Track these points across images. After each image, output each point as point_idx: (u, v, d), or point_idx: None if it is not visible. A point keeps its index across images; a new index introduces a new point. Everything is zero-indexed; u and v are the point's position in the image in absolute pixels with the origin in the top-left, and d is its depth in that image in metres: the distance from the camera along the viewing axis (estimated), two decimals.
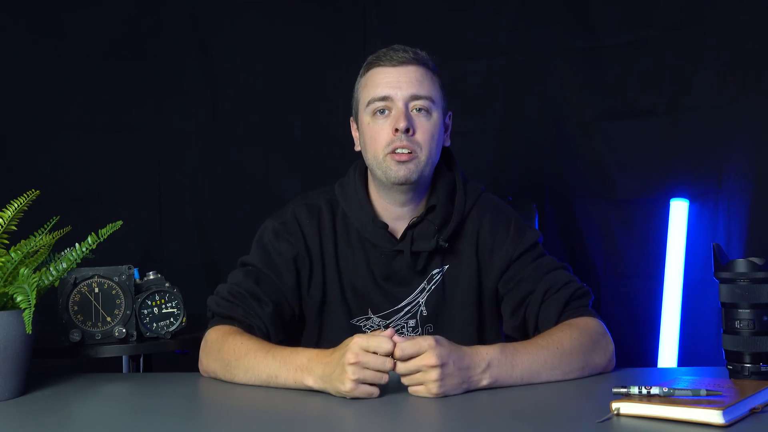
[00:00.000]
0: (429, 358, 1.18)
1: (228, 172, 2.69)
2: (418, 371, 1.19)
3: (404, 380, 1.22)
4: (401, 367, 1.20)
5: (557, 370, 1.30)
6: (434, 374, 1.18)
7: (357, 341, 1.19)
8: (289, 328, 1.54)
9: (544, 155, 2.57)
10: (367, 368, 1.19)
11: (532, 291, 1.46)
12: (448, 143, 1.57)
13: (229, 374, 1.36)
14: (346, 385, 1.18)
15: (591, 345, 1.35)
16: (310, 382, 1.25)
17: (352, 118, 1.59)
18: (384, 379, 1.20)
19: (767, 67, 2.24)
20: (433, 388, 1.19)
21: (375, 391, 1.20)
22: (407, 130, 1.44)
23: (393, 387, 1.23)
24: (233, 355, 1.35)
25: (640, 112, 2.43)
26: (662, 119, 2.40)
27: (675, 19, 2.38)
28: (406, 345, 1.19)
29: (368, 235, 1.51)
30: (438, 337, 1.22)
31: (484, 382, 1.23)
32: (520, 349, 1.29)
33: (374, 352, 1.19)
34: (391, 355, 1.20)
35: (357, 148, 1.57)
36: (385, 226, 1.52)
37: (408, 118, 1.45)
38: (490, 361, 1.24)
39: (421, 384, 1.20)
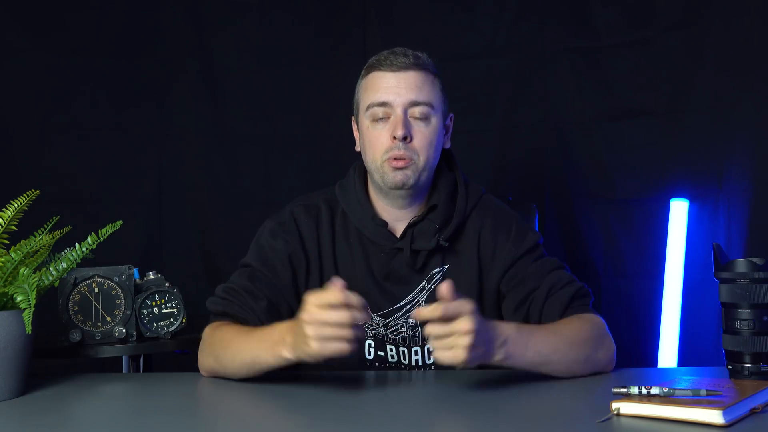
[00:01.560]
0: (466, 324, 1.14)
1: (228, 172, 2.69)
2: (451, 335, 1.16)
3: (434, 343, 1.17)
4: (435, 329, 1.16)
5: (565, 359, 1.30)
6: (467, 340, 1.14)
7: (309, 299, 1.17)
8: None
9: (544, 155, 2.57)
10: (327, 324, 1.15)
11: (536, 288, 1.46)
12: (448, 145, 1.57)
13: (220, 365, 1.37)
14: (311, 346, 1.16)
15: (597, 340, 1.37)
16: (286, 353, 1.23)
17: (353, 118, 1.59)
18: (346, 333, 1.15)
19: (767, 67, 2.24)
20: (461, 355, 1.15)
21: (343, 347, 1.16)
22: (405, 138, 1.45)
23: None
24: (221, 345, 1.36)
25: (640, 112, 2.43)
26: (662, 119, 2.40)
27: (675, 19, 2.38)
28: (451, 306, 1.15)
29: (368, 233, 1.52)
30: (472, 301, 1.18)
31: (498, 357, 1.23)
32: (534, 332, 1.30)
33: (330, 311, 1.15)
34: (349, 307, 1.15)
35: (358, 148, 1.57)
36: (385, 224, 1.52)
37: (406, 125, 1.45)
38: (507, 338, 1.24)
39: (449, 349, 1.16)
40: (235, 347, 1.33)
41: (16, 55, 2.57)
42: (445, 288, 1.16)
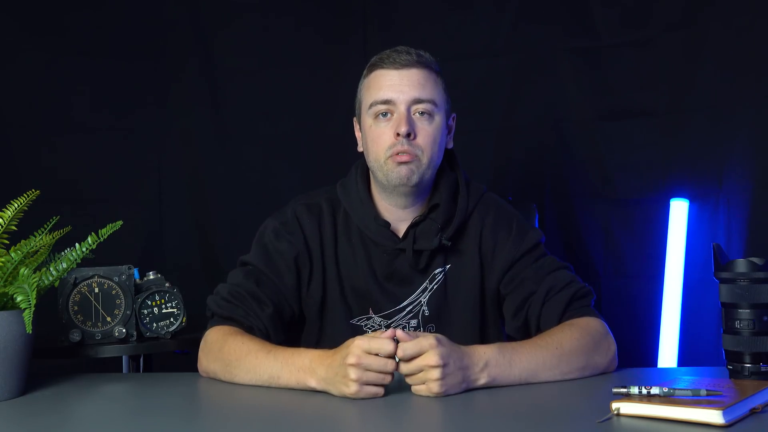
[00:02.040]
0: (431, 358, 1.19)
1: (228, 172, 2.69)
2: (420, 371, 1.20)
3: (407, 380, 1.22)
4: (404, 367, 1.21)
5: (556, 370, 1.30)
6: (436, 374, 1.19)
7: (358, 343, 1.20)
8: (290, 329, 1.54)
9: (544, 155, 2.57)
10: (370, 370, 1.19)
11: (533, 292, 1.46)
12: (450, 145, 1.56)
13: (229, 374, 1.36)
14: (351, 388, 1.19)
15: (592, 345, 1.35)
16: (313, 383, 1.25)
17: (355, 119, 1.59)
18: (387, 380, 1.21)
19: (767, 67, 2.24)
20: (435, 388, 1.19)
21: (379, 391, 1.21)
22: (408, 135, 1.44)
23: (394, 387, 1.23)
24: (234, 355, 1.35)
25: (640, 112, 2.43)
26: (662, 119, 2.40)
27: (675, 19, 2.38)
28: (408, 346, 1.20)
29: (370, 233, 1.51)
30: (439, 336, 1.22)
31: (482, 381, 1.24)
32: (518, 349, 1.30)
33: (376, 354, 1.19)
34: (394, 355, 1.20)
35: (360, 149, 1.57)
36: (388, 224, 1.51)
37: (409, 122, 1.45)
38: (488, 361, 1.24)
39: (423, 383, 1.20)
40: (251, 362, 1.33)
41: (16, 55, 2.57)
42: (398, 333, 1.21)
